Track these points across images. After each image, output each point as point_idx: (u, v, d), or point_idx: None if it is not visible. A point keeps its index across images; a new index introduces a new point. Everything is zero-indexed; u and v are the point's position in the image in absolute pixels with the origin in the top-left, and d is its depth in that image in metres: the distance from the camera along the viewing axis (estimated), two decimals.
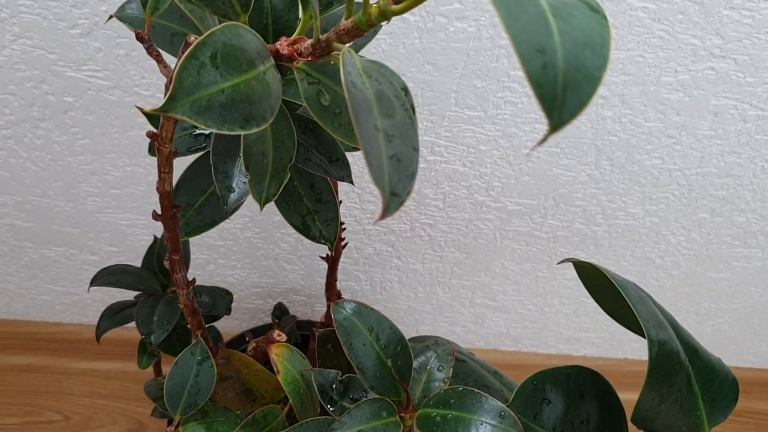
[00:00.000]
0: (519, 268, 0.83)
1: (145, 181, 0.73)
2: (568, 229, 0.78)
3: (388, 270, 0.83)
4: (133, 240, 0.80)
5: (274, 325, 0.63)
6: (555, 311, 0.88)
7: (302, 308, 0.88)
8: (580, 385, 0.47)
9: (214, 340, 0.67)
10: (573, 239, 0.79)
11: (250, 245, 0.80)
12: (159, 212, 0.45)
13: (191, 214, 0.50)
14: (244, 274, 0.84)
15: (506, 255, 0.81)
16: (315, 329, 0.52)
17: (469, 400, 0.41)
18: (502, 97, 0.65)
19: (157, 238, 0.61)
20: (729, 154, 0.70)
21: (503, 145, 0.70)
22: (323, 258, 0.62)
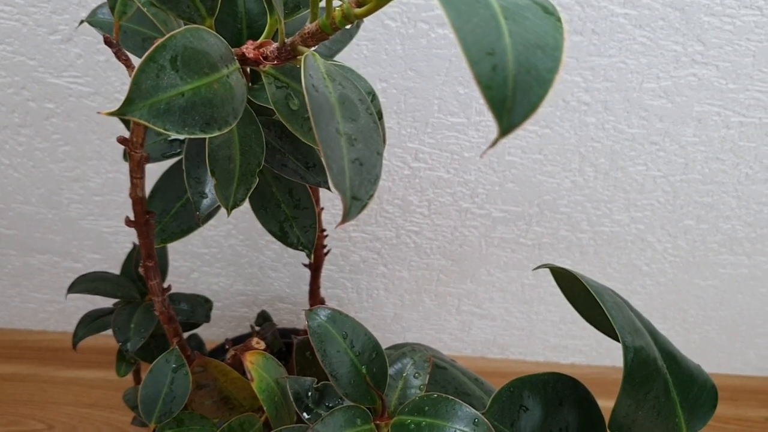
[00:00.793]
0: (505, 276, 0.83)
1: (128, 187, 0.73)
2: (553, 237, 0.78)
3: (375, 277, 0.83)
4: (116, 247, 0.79)
5: (253, 333, 0.62)
6: (542, 319, 0.88)
7: (288, 316, 0.87)
8: (558, 392, 0.47)
9: (197, 349, 0.66)
10: (558, 246, 0.79)
11: (235, 253, 0.79)
12: (132, 219, 0.45)
13: (167, 221, 0.49)
14: (229, 282, 0.83)
15: (492, 262, 0.81)
16: (294, 337, 0.51)
17: (443, 407, 0.40)
18: (484, 104, 0.65)
19: (135, 246, 0.61)
20: (713, 161, 0.70)
21: (487, 152, 0.69)
22: (306, 266, 0.62)
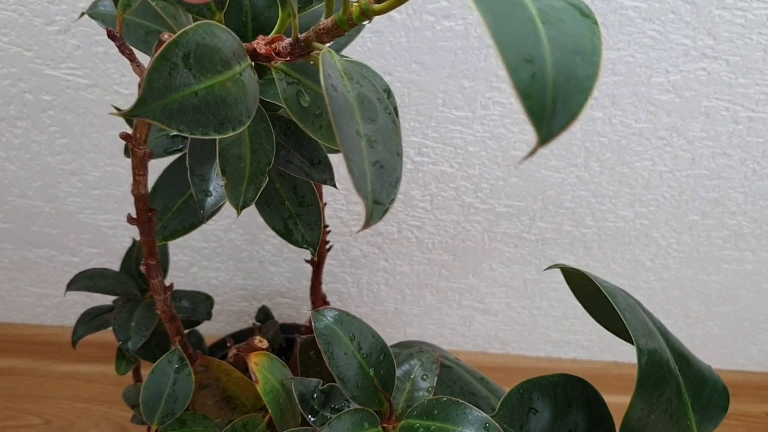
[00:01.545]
0: (507, 271, 0.82)
1: (126, 181, 0.72)
2: (557, 232, 0.77)
3: (375, 272, 0.82)
4: (114, 242, 0.78)
5: (256, 331, 0.61)
6: (544, 314, 0.87)
7: (288, 311, 0.86)
8: (567, 394, 0.46)
9: (197, 345, 0.65)
10: (562, 241, 0.78)
11: (234, 247, 0.78)
12: (134, 216, 0.44)
13: (169, 218, 0.48)
14: (228, 277, 0.82)
15: (494, 257, 0.80)
16: (297, 336, 0.51)
17: (453, 411, 0.39)
18: (490, 98, 0.64)
19: (135, 241, 0.60)
20: (720, 156, 0.69)
21: (491, 146, 0.68)
22: (308, 261, 0.61)
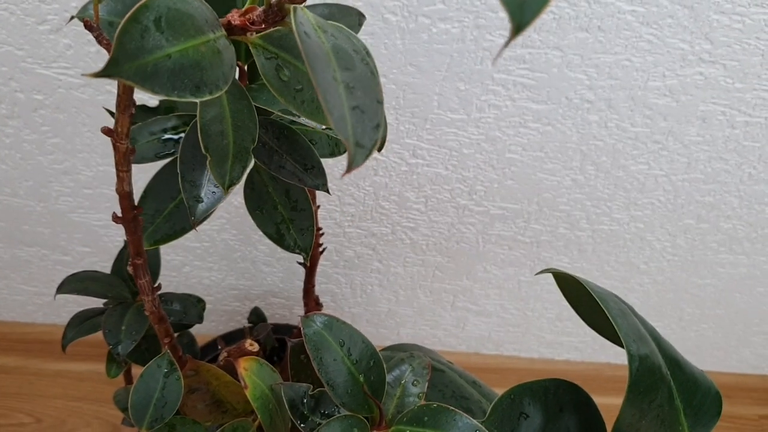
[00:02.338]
0: (501, 273, 0.82)
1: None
2: (551, 234, 0.77)
3: (369, 273, 0.82)
4: (106, 241, 0.78)
5: (247, 334, 0.61)
6: (537, 315, 0.87)
7: (280, 311, 0.86)
8: (559, 399, 0.46)
9: (188, 345, 0.65)
10: (557, 244, 0.78)
11: (227, 247, 0.78)
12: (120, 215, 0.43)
13: (160, 222, 0.48)
14: (221, 276, 0.82)
15: (489, 259, 0.80)
16: (288, 339, 0.50)
17: (443, 417, 0.39)
18: (485, 101, 0.64)
19: (127, 243, 0.59)
20: (716, 161, 0.69)
21: (486, 148, 0.68)
22: (300, 263, 0.61)
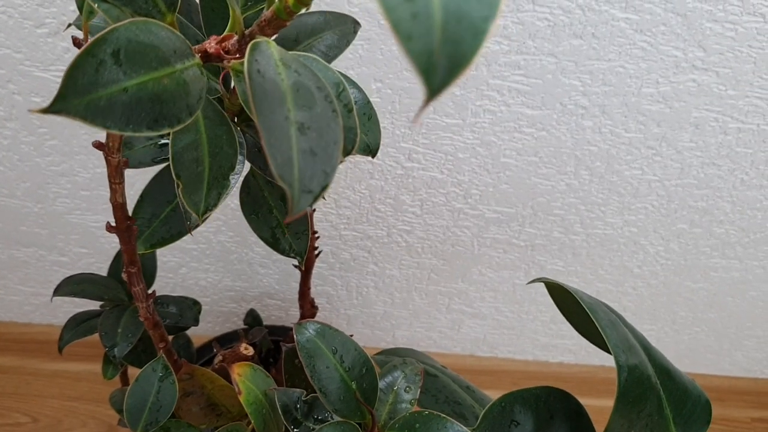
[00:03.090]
0: (496, 276, 0.82)
1: None
2: (546, 238, 0.77)
3: (365, 275, 0.82)
4: (103, 242, 0.78)
5: (242, 338, 0.61)
6: (532, 318, 0.88)
7: (276, 312, 0.87)
8: (549, 406, 0.46)
9: (184, 347, 0.65)
10: (551, 248, 0.78)
11: (224, 249, 0.78)
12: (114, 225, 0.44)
13: (157, 225, 0.48)
14: (217, 278, 0.82)
15: (484, 262, 0.80)
16: (283, 344, 0.51)
17: (434, 424, 0.40)
18: (480, 106, 0.64)
19: None
20: (709, 166, 0.70)
21: (481, 153, 0.69)
22: (296, 266, 0.61)
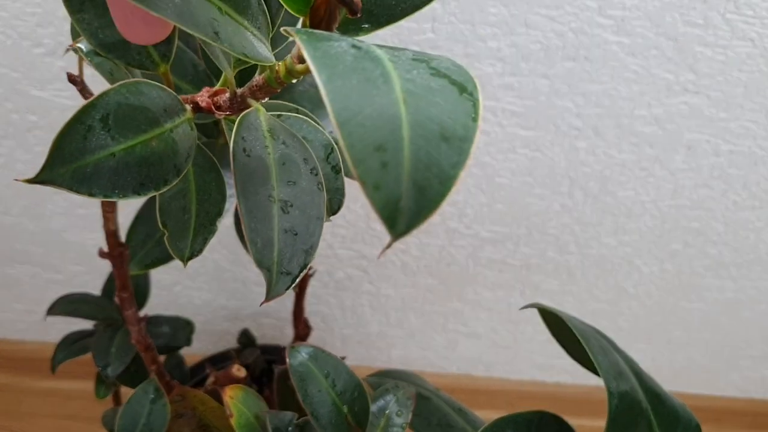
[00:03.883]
0: (492, 295, 0.82)
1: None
2: (541, 258, 0.77)
3: (360, 295, 0.82)
4: (99, 260, 0.78)
5: (234, 359, 0.61)
6: (528, 338, 0.87)
7: (271, 331, 0.86)
8: (542, 431, 0.46)
9: (177, 366, 0.65)
10: (546, 267, 0.78)
11: (218, 267, 0.78)
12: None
13: (151, 246, 0.49)
14: (212, 296, 0.82)
15: (479, 282, 0.80)
16: (275, 366, 0.51)
17: None
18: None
19: None
20: (702, 188, 0.70)
21: (476, 173, 0.69)
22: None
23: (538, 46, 0.59)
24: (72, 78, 0.31)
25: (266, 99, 0.29)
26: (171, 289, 0.81)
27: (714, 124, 0.65)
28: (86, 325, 0.59)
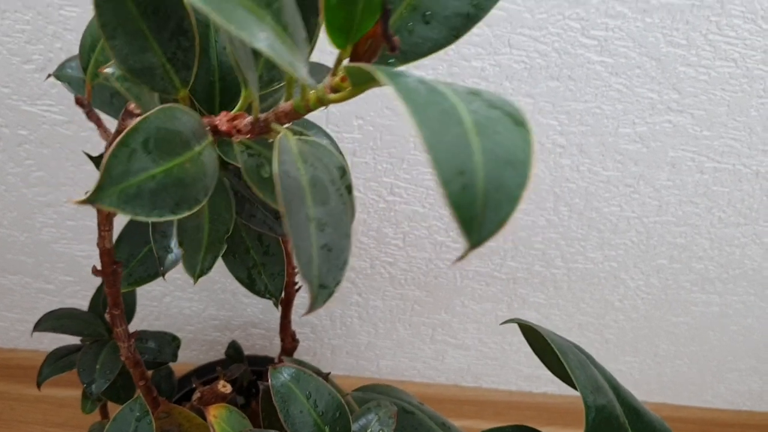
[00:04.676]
0: (479, 308, 0.83)
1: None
2: (527, 271, 0.78)
3: (349, 306, 0.83)
4: (88, 271, 0.78)
5: (220, 375, 0.62)
6: (515, 349, 0.88)
7: (260, 341, 0.87)
8: None
9: (165, 378, 0.66)
10: (533, 281, 0.79)
11: (208, 278, 0.79)
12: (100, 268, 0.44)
13: (134, 265, 0.49)
14: (202, 307, 0.83)
15: (466, 294, 0.81)
16: (260, 383, 0.51)
17: None
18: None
19: None
20: (686, 204, 0.71)
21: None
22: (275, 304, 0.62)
23: (522, 66, 0.60)
24: (79, 101, 0.32)
25: (289, 123, 0.30)
26: (161, 299, 0.82)
27: (698, 141, 0.65)
28: (76, 338, 0.59)
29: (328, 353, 0.89)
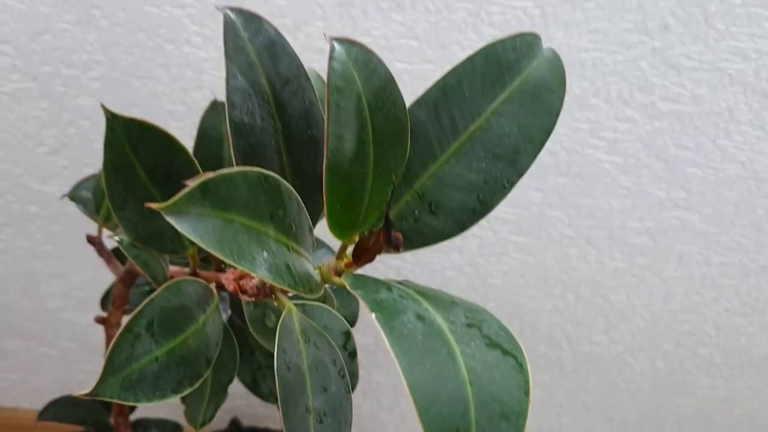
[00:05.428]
0: None
1: (107, 284, 0.72)
2: (533, 353, 0.78)
3: None
4: (92, 339, 0.79)
5: None
6: None
7: (261, 410, 0.87)
8: None
9: None
10: (538, 362, 0.79)
11: None
12: None
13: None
14: None
15: None
16: None
17: None
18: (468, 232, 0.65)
19: None
20: (693, 294, 0.70)
21: (469, 272, 0.70)
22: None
23: None
24: (91, 239, 0.33)
25: (290, 294, 0.30)
26: None
27: (706, 237, 0.65)
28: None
29: None
